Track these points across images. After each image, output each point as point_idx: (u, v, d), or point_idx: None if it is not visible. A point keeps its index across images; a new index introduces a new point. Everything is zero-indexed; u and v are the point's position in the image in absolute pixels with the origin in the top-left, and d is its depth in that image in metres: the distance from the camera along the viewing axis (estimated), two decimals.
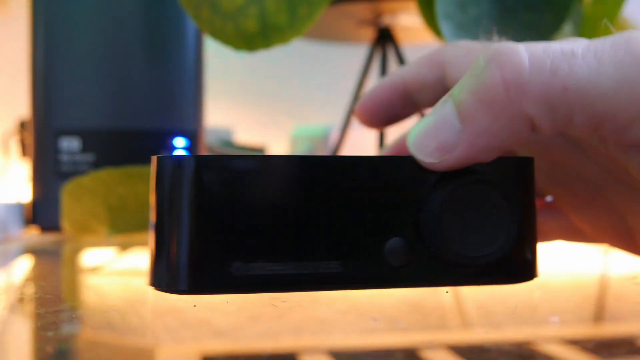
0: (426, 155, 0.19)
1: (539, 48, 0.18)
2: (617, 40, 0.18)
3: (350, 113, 0.72)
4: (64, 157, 0.52)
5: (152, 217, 0.21)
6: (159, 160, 0.21)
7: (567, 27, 0.43)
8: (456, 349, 0.20)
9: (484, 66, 0.18)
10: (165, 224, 0.21)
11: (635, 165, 0.19)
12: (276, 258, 0.21)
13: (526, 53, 0.18)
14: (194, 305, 0.26)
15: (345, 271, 0.21)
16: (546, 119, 0.18)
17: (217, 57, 1.00)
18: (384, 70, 0.71)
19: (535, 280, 0.25)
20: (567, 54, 0.18)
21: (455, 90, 0.19)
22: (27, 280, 0.36)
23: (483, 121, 0.18)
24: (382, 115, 0.27)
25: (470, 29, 0.41)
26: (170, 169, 0.21)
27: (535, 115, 0.18)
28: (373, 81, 0.74)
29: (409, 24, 0.69)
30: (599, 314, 0.27)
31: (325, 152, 0.87)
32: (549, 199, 0.27)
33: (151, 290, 0.21)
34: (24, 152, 0.68)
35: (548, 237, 0.27)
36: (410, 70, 0.26)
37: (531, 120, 0.18)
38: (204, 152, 0.58)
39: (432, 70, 0.26)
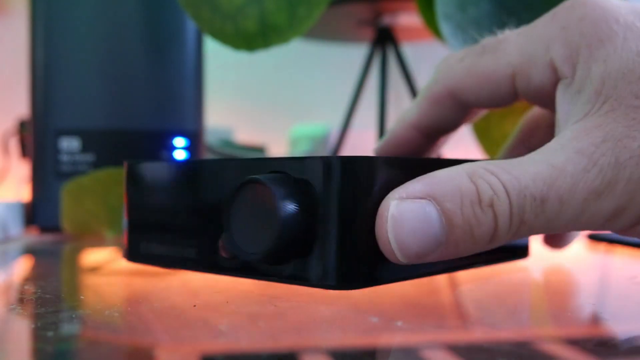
0: (404, 256, 0.20)
1: (515, 193, 0.21)
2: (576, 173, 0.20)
3: (351, 113, 0.72)
4: (64, 157, 0.52)
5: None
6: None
7: None
8: (456, 349, 0.20)
9: (474, 206, 0.20)
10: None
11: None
12: (163, 242, 0.28)
13: (508, 201, 0.20)
14: (194, 305, 0.26)
15: (199, 258, 0.26)
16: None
17: (217, 57, 1.00)
18: (383, 69, 0.72)
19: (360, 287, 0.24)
20: (536, 204, 0.20)
21: (446, 196, 0.20)
22: (27, 280, 0.36)
23: (462, 249, 0.20)
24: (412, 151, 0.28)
25: (469, 29, 0.41)
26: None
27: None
28: (373, 81, 0.74)
29: (408, 24, 0.69)
30: (599, 314, 0.27)
31: (325, 151, 0.87)
32: None
33: (151, 291, 0.21)
34: (24, 152, 0.68)
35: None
36: (421, 112, 0.27)
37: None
38: (204, 152, 0.57)
39: (444, 106, 0.26)
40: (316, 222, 0.22)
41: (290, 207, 0.21)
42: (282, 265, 0.23)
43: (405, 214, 0.19)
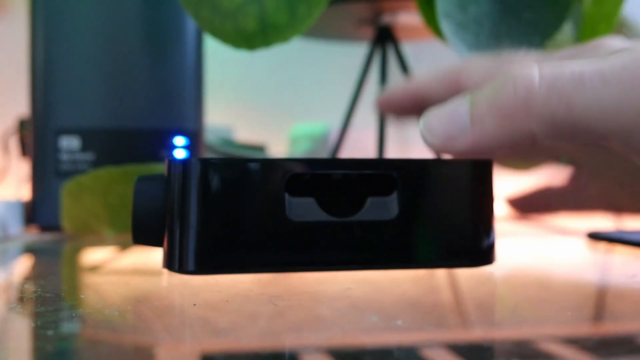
0: (433, 137, 0.22)
1: (550, 71, 0.20)
2: (627, 62, 0.19)
3: (350, 112, 0.72)
4: (64, 156, 0.52)
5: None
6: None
7: (568, 26, 0.43)
8: (456, 348, 0.20)
9: (502, 83, 0.20)
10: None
11: None
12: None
13: (538, 76, 0.20)
14: (194, 305, 0.26)
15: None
16: (548, 135, 0.20)
17: (217, 56, 1.00)
18: (384, 69, 0.71)
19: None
20: (575, 78, 0.20)
21: (473, 94, 0.21)
22: (27, 279, 0.36)
23: (490, 127, 0.20)
24: (394, 111, 0.30)
25: (470, 28, 0.41)
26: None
27: (538, 133, 0.20)
28: (373, 81, 0.74)
29: (409, 23, 0.69)
30: (599, 313, 0.27)
31: (324, 151, 0.87)
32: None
33: (151, 290, 0.21)
34: (24, 151, 0.68)
35: (594, 210, 0.29)
36: (427, 83, 0.28)
37: (534, 136, 0.20)
38: (204, 151, 0.57)
39: (448, 88, 0.28)
40: (172, 214, 0.24)
41: (142, 200, 0.24)
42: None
43: (438, 109, 0.21)
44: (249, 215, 0.24)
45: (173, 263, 0.24)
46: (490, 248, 0.25)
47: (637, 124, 0.19)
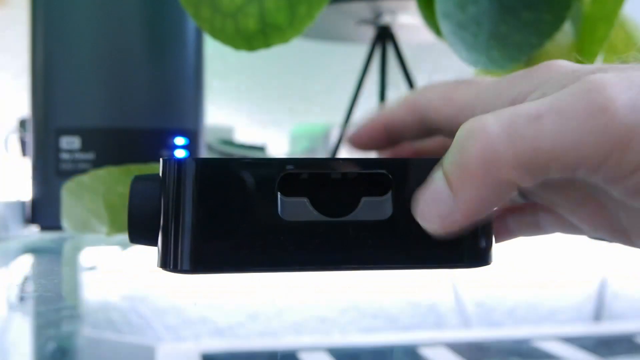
0: (429, 224, 0.21)
1: (507, 117, 0.20)
2: (578, 91, 0.20)
3: (351, 112, 0.72)
4: (64, 156, 0.52)
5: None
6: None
7: (567, 26, 0.43)
8: (455, 347, 0.20)
9: (462, 140, 0.20)
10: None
11: (617, 193, 0.20)
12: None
13: (497, 124, 0.20)
14: (194, 304, 0.26)
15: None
16: (525, 178, 0.20)
17: (217, 56, 1.00)
18: (383, 69, 0.71)
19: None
20: (532, 118, 0.20)
21: (444, 162, 0.21)
22: (28, 278, 0.36)
23: (470, 191, 0.20)
24: (369, 146, 0.30)
25: (469, 28, 0.41)
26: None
27: (514, 178, 0.20)
28: (373, 81, 0.74)
29: (408, 23, 0.69)
30: (598, 313, 0.27)
31: (324, 151, 0.87)
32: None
33: (151, 289, 0.21)
34: (24, 151, 0.68)
35: (548, 231, 0.28)
36: (392, 113, 0.29)
37: (512, 182, 0.20)
38: (203, 150, 0.57)
39: (412, 114, 0.29)
40: (167, 213, 0.24)
41: (138, 199, 0.24)
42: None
43: (422, 193, 0.21)
44: (242, 214, 0.23)
45: (167, 262, 0.24)
46: (487, 249, 0.25)
47: (603, 152, 0.19)
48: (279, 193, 0.24)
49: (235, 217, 0.23)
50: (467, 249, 0.23)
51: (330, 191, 0.24)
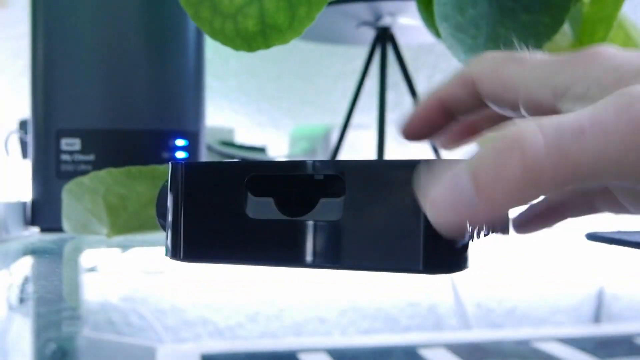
0: (440, 217, 0.21)
1: (551, 128, 0.20)
2: (620, 106, 0.20)
3: (351, 113, 0.73)
4: (64, 157, 0.52)
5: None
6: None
7: (566, 28, 0.43)
8: (454, 348, 0.20)
9: (502, 147, 0.20)
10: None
11: None
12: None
13: (541, 138, 0.20)
14: (194, 304, 0.26)
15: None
16: (561, 189, 0.20)
17: (217, 56, 1.00)
18: (383, 70, 0.72)
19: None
20: (575, 132, 0.20)
21: (473, 160, 0.20)
22: (28, 279, 0.37)
23: (498, 198, 0.20)
24: (425, 131, 0.30)
25: (468, 30, 0.41)
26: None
27: (550, 189, 0.20)
28: (373, 82, 0.74)
29: (408, 25, 0.69)
30: (598, 314, 0.27)
31: (324, 151, 0.87)
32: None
33: (151, 290, 0.21)
34: (24, 153, 0.68)
35: (601, 211, 0.29)
36: (447, 88, 0.29)
37: (546, 192, 0.20)
38: (204, 152, 0.58)
39: (465, 87, 0.28)
40: (166, 209, 0.27)
41: (162, 194, 0.27)
42: None
43: (436, 193, 0.20)
44: (215, 212, 0.26)
45: (167, 250, 0.27)
46: (450, 255, 0.24)
47: None
48: (248, 193, 0.25)
49: (210, 214, 0.26)
50: (424, 254, 0.23)
51: (295, 192, 0.25)
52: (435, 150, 0.70)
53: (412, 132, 0.30)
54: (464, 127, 0.30)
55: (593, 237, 0.45)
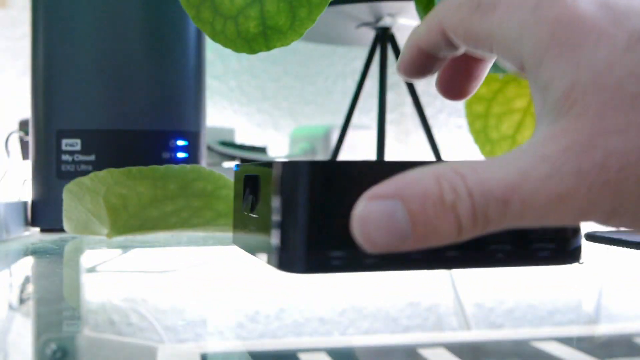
0: (373, 248, 0.21)
1: (479, 194, 0.21)
2: None
3: (351, 113, 0.73)
4: (65, 158, 0.52)
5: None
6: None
7: None
8: (454, 348, 0.20)
9: (439, 202, 0.21)
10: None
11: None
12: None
13: (470, 204, 0.21)
14: (195, 304, 0.26)
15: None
16: None
17: (217, 57, 1.00)
18: (383, 71, 0.72)
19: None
20: (500, 203, 0.21)
21: (411, 201, 0.21)
22: (29, 280, 0.37)
23: (430, 242, 0.21)
24: (417, 71, 0.30)
25: None
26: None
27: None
28: (373, 83, 0.75)
29: (408, 25, 0.69)
30: (599, 314, 0.27)
31: (324, 152, 0.87)
32: None
33: (151, 290, 0.21)
34: (25, 153, 0.68)
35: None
36: (421, 36, 0.29)
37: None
38: (204, 152, 0.58)
39: (437, 35, 0.28)
40: None
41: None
42: None
43: (371, 213, 0.21)
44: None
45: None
46: (302, 252, 0.23)
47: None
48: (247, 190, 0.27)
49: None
50: (292, 250, 0.23)
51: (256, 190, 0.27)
52: (435, 150, 0.70)
53: (407, 72, 0.30)
54: (453, 67, 0.30)
55: (592, 237, 0.45)
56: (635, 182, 0.20)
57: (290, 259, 0.23)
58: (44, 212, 0.53)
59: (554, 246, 0.24)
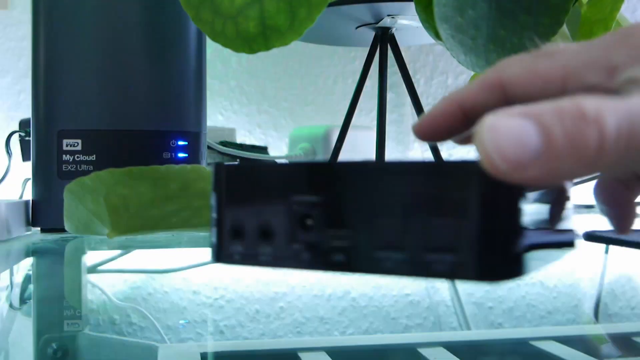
0: (503, 160, 0.19)
1: (624, 110, 0.20)
2: None
3: (351, 114, 0.73)
4: (66, 158, 0.52)
5: None
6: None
7: (564, 29, 0.43)
8: (453, 348, 0.21)
9: (578, 115, 0.19)
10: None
11: None
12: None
13: (615, 119, 0.20)
14: (184, 321, 0.26)
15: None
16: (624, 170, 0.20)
17: (217, 57, 1.00)
18: (383, 71, 0.72)
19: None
20: None
21: (544, 115, 0.20)
22: (30, 279, 0.37)
23: (566, 164, 0.19)
24: (439, 134, 0.28)
25: (468, 32, 0.41)
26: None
27: (613, 170, 0.20)
28: (373, 83, 0.75)
29: (408, 26, 0.69)
30: (599, 314, 0.27)
31: (324, 152, 0.87)
32: None
33: (152, 290, 0.21)
34: (25, 153, 0.68)
35: None
36: (469, 93, 0.27)
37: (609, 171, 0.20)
38: (205, 152, 0.58)
39: (492, 92, 0.27)
40: None
41: None
42: None
43: (503, 124, 0.19)
44: None
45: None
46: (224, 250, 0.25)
47: None
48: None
49: None
50: (216, 249, 0.24)
51: None
52: (435, 150, 0.70)
53: (426, 133, 0.28)
54: None
55: (591, 237, 0.45)
56: None
57: (212, 251, 0.25)
58: (45, 212, 0.53)
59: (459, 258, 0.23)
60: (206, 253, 0.37)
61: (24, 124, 0.68)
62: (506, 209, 0.20)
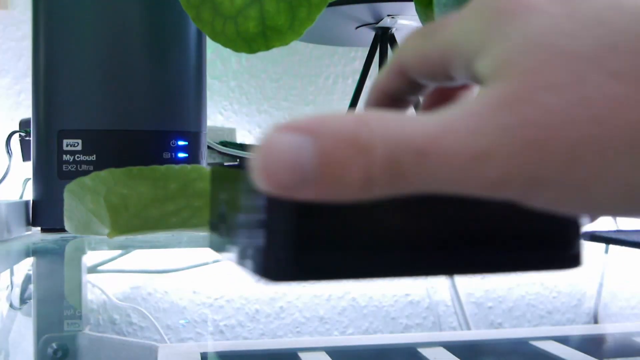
0: (271, 182, 0.19)
1: (393, 143, 0.19)
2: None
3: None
4: (66, 158, 0.52)
5: None
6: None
7: None
8: (453, 347, 0.21)
9: (346, 145, 0.18)
10: None
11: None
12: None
13: (381, 150, 0.19)
14: (184, 321, 0.26)
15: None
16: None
17: (217, 57, 1.00)
18: None
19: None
20: (414, 154, 0.19)
21: (320, 138, 0.19)
22: (30, 279, 0.37)
23: (342, 189, 0.19)
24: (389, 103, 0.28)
25: None
26: None
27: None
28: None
29: (408, 26, 0.69)
30: (599, 314, 0.27)
31: None
32: None
33: (152, 290, 0.21)
34: (26, 153, 0.68)
35: None
36: (383, 80, 0.27)
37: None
38: (204, 152, 0.58)
39: (400, 77, 0.27)
40: None
41: None
42: None
43: (278, 143, 0.18)
44: None
45: None
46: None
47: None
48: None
49: None
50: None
51: None
52: None
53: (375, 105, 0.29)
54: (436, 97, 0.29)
55: (592, 236, 0.45)
56: (564, 145, 0.18)
57: (260, 266, 0.25)
58: (45, 212, 0.53)
59: (552, 249, 0.23)
60: (206, 253, 0.37)
61: (24, 124, 0.68)
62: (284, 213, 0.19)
